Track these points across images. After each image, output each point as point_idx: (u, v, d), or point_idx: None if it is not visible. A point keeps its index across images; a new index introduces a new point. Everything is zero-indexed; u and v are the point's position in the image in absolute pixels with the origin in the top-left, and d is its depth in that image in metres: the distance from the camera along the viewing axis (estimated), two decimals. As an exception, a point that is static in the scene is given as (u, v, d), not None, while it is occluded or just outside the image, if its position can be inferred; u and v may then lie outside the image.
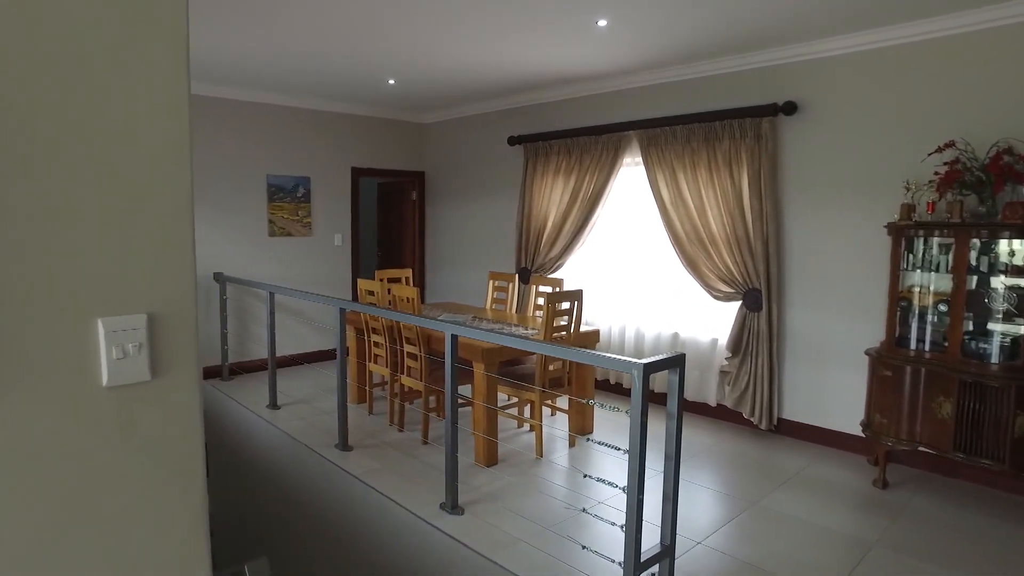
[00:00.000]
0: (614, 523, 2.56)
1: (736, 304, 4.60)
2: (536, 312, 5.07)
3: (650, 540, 2.46)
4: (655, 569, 2.40)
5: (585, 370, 4.37)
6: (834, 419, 4.25)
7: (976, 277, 3.38)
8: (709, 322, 4.87)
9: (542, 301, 4.53)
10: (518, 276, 5.92)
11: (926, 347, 3.53)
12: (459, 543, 2.95)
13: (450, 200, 7.13)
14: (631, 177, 5.33)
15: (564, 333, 4.05)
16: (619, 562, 2.40)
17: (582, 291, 4.17)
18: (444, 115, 7.03)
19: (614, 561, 2.49)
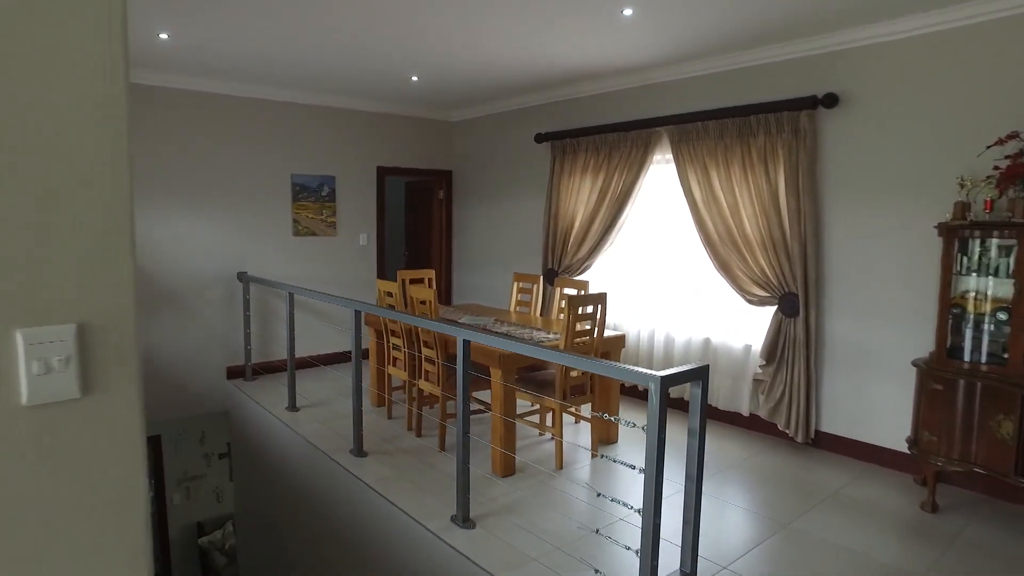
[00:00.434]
0: (628, 547, 2.37)
1: (771, 309, 4.33)
2: (561, 315, 4.89)
3: (671, 564, 2.28)
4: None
5: (609, 377, 4.17)
6: (877, 433, 3.95)
7: (1040, 282, 3.07)
8: (742, 327, 4.61)
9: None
10: (543, 277, 5.75)
11: (982, 359, 3.23)
12: (467, 559, 2.80)
13: (477, 199, 7.00)
14: (661, 175, 5.10)
15: (587, 339, 3.87)
16: (634, 590, 2.22)
17: (606, 294, 3.98)
18: (470, 113, 6.90)
19: (629, 588, 2.31)
